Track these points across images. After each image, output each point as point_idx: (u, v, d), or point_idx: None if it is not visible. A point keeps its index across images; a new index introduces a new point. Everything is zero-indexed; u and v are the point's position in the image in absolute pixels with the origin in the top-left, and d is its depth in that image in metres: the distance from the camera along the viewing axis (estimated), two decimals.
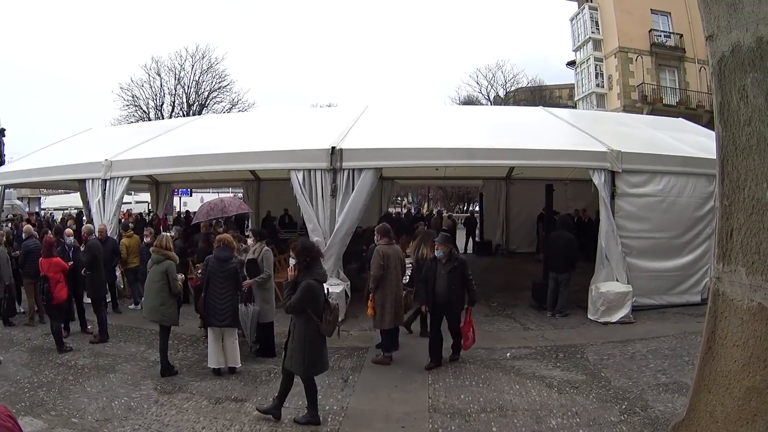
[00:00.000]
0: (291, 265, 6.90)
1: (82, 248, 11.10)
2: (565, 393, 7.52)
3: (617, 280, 11.31)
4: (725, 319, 3.62)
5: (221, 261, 8.37)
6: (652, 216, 11.62)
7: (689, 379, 5.66)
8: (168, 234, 10.00)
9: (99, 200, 12.78)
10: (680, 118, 19.34)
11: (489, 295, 13.51)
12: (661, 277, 11.79)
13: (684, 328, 10.50)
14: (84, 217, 17.25)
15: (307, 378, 6.58)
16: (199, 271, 9.19)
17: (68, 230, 11.92)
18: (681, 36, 37.34)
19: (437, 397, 7.44)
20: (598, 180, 11.31)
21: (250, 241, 9.76)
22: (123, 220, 15.17)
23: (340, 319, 10.51)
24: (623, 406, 6.97)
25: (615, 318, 10.99)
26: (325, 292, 6.74)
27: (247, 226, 19.17)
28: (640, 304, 11.46)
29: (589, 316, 11.32)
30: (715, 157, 3.93)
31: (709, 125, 15.73)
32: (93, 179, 12.99)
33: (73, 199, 30.39)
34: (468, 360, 8.94)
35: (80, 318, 10.75)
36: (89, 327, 10.60)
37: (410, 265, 13.21)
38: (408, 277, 11.63)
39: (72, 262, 10.39)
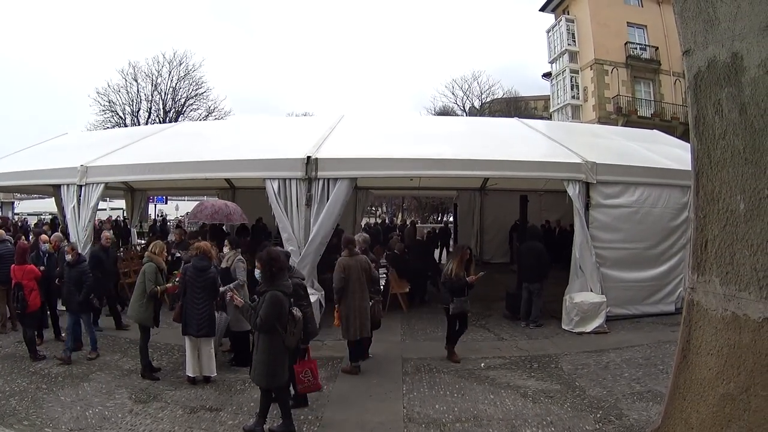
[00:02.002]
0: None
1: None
2: (540, 402, 7.54)
3: (591, 291, 11.38)
4: (700, 329, 3.67)
5: (199, 270, 8.31)
6: (626, 227, 11.73)
7: (664, 388, 5.72)
8: (160, 241, 9.93)
9: (74, 206, 12.58)
10: (655, 130, 19.57)
11: None
12: (635, 287, 11.90)
13: (658, 337, 10.62)
14: (59, 223, 17.03)
15: (276, 389, 6.52)
16: (177, 279, 9.12)
17: (44, 236, 11.71)
18: (657, 49, 37.94)
19: (412, 407, 7.41)
20: (573, 191, 11.39)
21: (226, 249, 9.72)
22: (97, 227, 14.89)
23: None
24: (598, 415, 7.01)
25: (589, 328, 11.05)
26: (290, 303, 6.66)
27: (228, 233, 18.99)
28: (614, 314, 11.56)
29: (563, 326, 11.38)
30: (689, 169, 3.98)
31: (684, 137, 15.96)
32: (68, 185, 12.79)
33: (48, 205, 29.98)
34: (442, 370, 8.93)
35: (54, 326, 10.58)
36: (63, 335, 10.30)
37: (384, 275, 13.23)
38: (383, 286, 11.67)
39: (45, 269, 10.25)
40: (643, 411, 7.08)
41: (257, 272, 6.77)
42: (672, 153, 13.92)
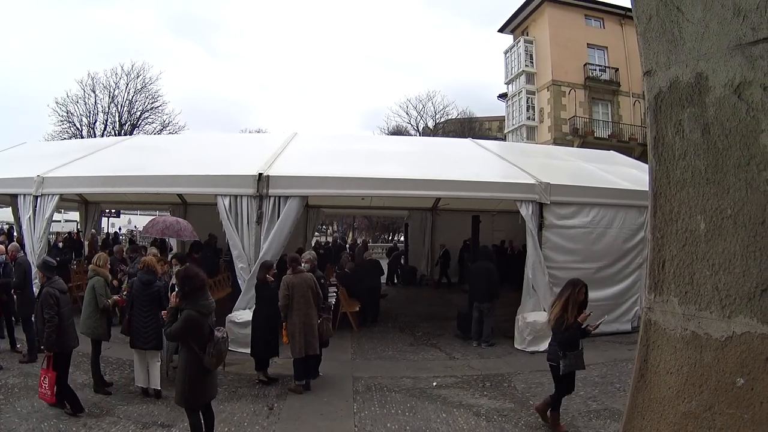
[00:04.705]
0: (174, 292, 6.71)
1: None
2: (494, 421, 7.55)
3: (545, 310, 11.43)
4: (658, 348, 3.64)
5: (144, 284, 8.40)
6: (580, 247, 11.87)
7: (621, 405, 5.75)
8: (104, 253, 9.79)
9: (30, 217, 12.40)
10: (612, 151, 19.97)
11: (414, 324, 13.60)
12: (590, 306, 11.93)
13: (614, 355, 10.79)
14: (15, 233, 16.69)
15: (188, 410, 6.32)
16: (125, 292, 9.06)
17: (0, 246, 11.49)
18: (617, 70, 38.24)
19: (363, 426, 7.37)
20: (526, 212, 11.50)
21: (176, 268, 9.66)
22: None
23: None
24: None
25: (542, 347, 11.03)
26: (211, 323, 6.49)
27: (170, 249, 18.84)
28: None
29: (516, 346, 11.43)
30: (645, 189, 3.98)
31: (642, 158, 16.23)
32: (24, 195, 12.60)
33: (6, 214, 29.13)
34: (393, 389, 8.92)
35: (10, 336, 10.47)
36: (18, 346, 10.36)
37: (333, 293, 13.15)
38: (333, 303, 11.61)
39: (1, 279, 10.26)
40: (600, 429, 7.16)
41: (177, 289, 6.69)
42: (629, 173, 14.17)
